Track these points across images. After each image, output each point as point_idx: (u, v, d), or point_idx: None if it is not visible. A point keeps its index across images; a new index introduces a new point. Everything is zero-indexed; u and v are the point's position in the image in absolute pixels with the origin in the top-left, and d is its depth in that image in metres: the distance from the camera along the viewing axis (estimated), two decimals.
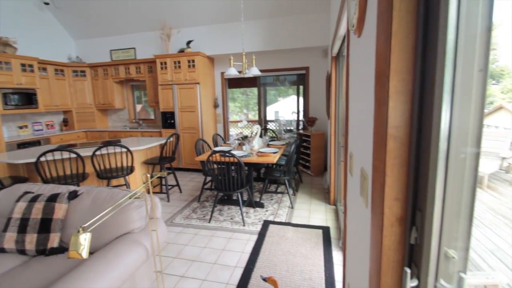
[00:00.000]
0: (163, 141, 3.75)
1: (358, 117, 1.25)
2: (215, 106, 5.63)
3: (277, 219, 3.03)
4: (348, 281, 1.47)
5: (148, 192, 1.64)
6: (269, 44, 4.77)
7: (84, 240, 1.10)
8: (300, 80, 5.78)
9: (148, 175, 1.59)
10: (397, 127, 0.75)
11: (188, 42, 4.98)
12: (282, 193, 3.86)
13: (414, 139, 0.74)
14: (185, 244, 2.58)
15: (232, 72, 3.56)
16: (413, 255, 0.74)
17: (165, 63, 4.93)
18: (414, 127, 0.73)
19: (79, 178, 2.87)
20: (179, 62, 4.86)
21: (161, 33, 5.07)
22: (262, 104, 6.45)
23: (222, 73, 5.52)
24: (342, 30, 2.21)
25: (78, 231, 1.08)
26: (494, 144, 4.07)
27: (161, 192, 3.92)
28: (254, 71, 3.63)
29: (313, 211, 3.21)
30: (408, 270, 0.68)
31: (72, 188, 1.97)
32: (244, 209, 3.32)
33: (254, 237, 2.65)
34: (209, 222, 3.00)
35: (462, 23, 0.62)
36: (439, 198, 0.67)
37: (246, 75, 3.74)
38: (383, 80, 0.80)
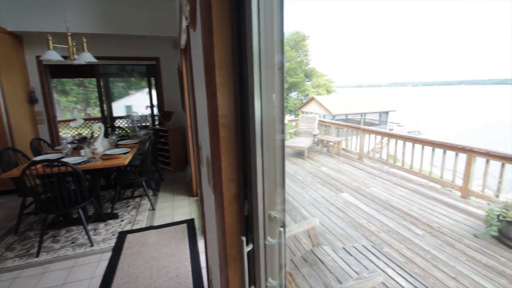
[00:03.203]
0: None
1: (201, 109, 1.30)
2: (32, 101, 4.23)
3: (136, 227, 2.74)
4: (210, 264, 1.56)
5: None
6: (106, 27, 4.06)
7: None
8: (151, 72, 5.38)
9: None
10: (226, 116, 0.83)
11: None
12: (140, 196, 3.52)
13: (239, 126, 0.85)
14: None
15: (53, 56, 2.80)
16: (248, 224, 0.87)
17: None
18: (239, 116, 0.84)
19: None
20: None
21: None
22: (105, 98, 5.49)
23: (39, 57, 4.19)
24: (184, 22, 2.21)
25: None
26: (309, 125, 5.47)
27: None
28: (87, 58, 3.01)
29: (177, 207, 3.16)
30: (244, 238, 0.79)
31: None
32: (91, 226, 2.77)
33: (108, 255, 2.27)
34: (37, 256, 2.27)
35: (262, 32, 0.75)
36: (260, 174, 0.81)
37: (76, 62, 3.05)
38: (211, 74, 0.86)
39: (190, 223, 2.73)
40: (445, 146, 3.93)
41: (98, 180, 2.89)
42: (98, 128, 3.12)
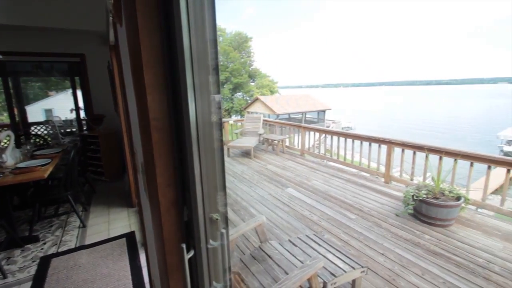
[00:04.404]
0: None
1: (133, 111, 1.21)
2: None
3: (63, 248, 2.38)
4: (153, 278, 1.46)
5: None
6: (15, 17, 3.41)
7: None
8: (74, 70, 4.75)
9: None
10: (158, 119, 0.78)
11: None
12: (67, 213, 3.07)
13: (174, 129, 0.81)
14: None
15: None
16: (188, 230, 0.84)
17: None
18: (173, 118, 0.80)
19: None
20: None
21: None
22: (16, 100, 4.62)
23: None
24: (110, 16, 2.01)
25: None
26: (254, 125, 5.54)
27: None
28: None
29: (114, 221, 2.86)
30: (184, 245, 0.76)
31: None
32: (3, 254, 2.30)
33: (27, 286, 1.92)
34: None
35: (193, 31, 0.72)
36: (198, 177, 0.78)
37: None
38: (138, 73, 0.80)
39: (130, 236, 2.50)
40: (370, 139, 4.49)
41: (9, 199, 2.42)
42: (6, 137, 2.60)
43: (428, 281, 2.05)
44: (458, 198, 2.85)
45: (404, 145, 3.96)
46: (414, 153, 3.82)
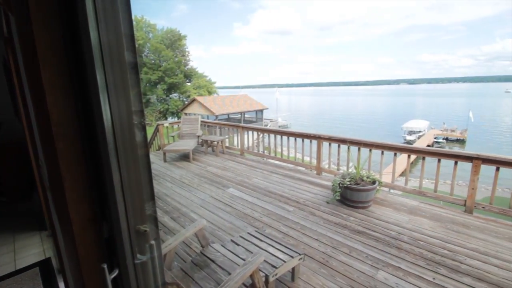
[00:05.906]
0: None
1: (33, 116, 1.02)
2: None
3: None
4: None
5: None
6: None
7: None
8: None
9: None
10: (63, 125, 0.68)
11: None
12: None
13: (85, 136, 0.71)
14: None
15: None
16: (110, 247, 0.75)
17: None
18: (82, 123, 0.70)
19: None
20: None
21: None
22: None
23: None
24: None
25: None
26: (192, 127, 5.31)
27: None
28: None
29: (22, 249, 2.37)
30: (105, 265, 0.67)
31: None
32: None
33: None
34: None
35: (103, 25, 0.64)
36: (119, 188, 0.71)
37: None
38: (34, 72, 0.67)
39: (44, 264, 2.11)
40: (303, 135, 4.87)
41: None
42: None
43: (354, 258, 2.34)
44: (374, 182, 3.33)
45: (330, 139, 4.41)
46: (339, 146, 4.30)
